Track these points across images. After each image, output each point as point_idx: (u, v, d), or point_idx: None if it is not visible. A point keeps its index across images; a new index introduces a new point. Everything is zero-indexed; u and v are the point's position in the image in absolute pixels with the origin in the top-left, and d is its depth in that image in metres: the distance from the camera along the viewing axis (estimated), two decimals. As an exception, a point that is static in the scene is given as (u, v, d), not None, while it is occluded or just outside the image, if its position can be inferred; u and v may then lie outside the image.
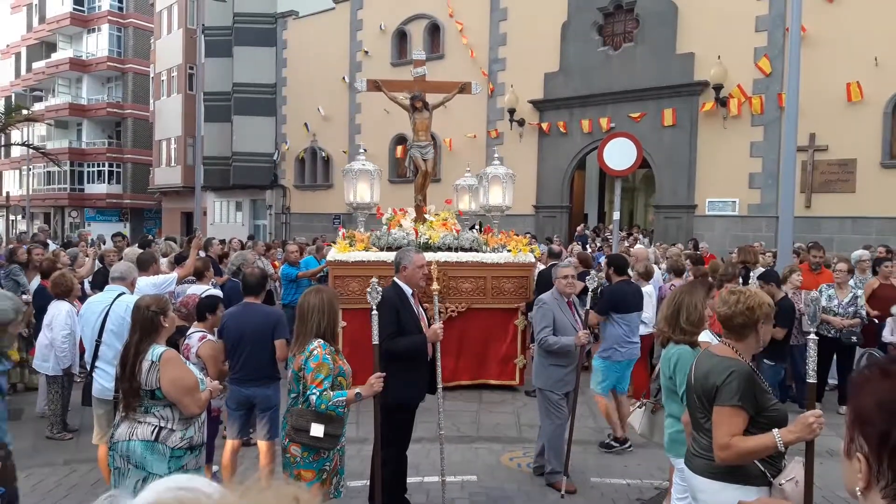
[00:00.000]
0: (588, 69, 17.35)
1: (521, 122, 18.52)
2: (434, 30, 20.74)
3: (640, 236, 16.18)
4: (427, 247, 7.82)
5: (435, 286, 4.95)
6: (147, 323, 3.60)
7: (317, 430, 3.49)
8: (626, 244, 13.02)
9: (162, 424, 3.48)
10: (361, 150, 8.60)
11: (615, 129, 15.50)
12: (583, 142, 17.46)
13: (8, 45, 44.98)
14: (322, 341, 3.66)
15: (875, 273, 8.11)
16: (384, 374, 3.83)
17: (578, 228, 17.43)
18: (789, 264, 8.34)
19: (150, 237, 14.72)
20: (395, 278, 4.71)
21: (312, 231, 21.90)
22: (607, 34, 17.48)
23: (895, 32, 13.07)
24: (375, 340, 3.98)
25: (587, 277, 5.55)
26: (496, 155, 9.20)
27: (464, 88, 9.43)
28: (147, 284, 5.79)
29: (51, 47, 40.19)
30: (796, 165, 9.97)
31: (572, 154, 17.70)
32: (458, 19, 19.71)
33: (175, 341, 4.66)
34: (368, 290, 4.07)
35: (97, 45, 38.33)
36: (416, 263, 4.64)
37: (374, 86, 9.37)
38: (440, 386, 4.75)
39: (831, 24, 13.68)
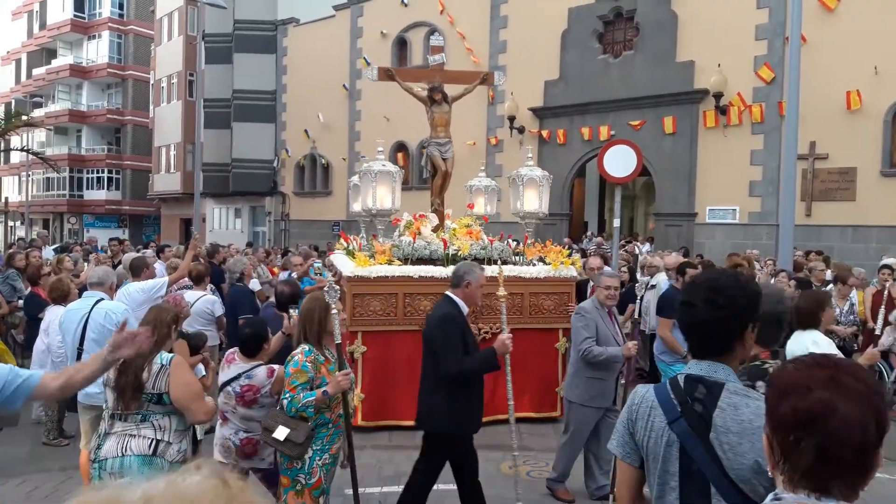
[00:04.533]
0: (588, 77, 17.37)
1: (521, 130, 18.53)
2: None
3: (639, 244, 16.15)
4: (456, 259, 6.91)
5: (502, 291, 4.51)
6: (165, 329, 3.60)
7: (280, 432, 3.46)
8: (626, 250, 13.00)
9: (159, 437, 3.37)
10: (379, 150, 7.69)
11: (615, 136, 15.49)
12: (583, 149, 17.46)
13: (8, 52, 45.07)
14: (307, 347, 3.61)
15: None
16: (349, 371, 3.63)
17: (587, 236, 17.42)
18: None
19: (151, 243, 14.69)
20: (452, 294, 4.33)
21: (311, 238, 21.88)
22: (607, 42, 17.50)
23: (894, 42, 13.08)
24: (338, 339, 3.68)
25: (636, 285, 5.49)
26: (529, 155, 8.35)
27: (486, 79, 8.61)
28: (136, 290, 5.72)
29: (51, 53, 40.29)
30: (797, 174, 9.97)
31: (572, 162, 17.69)
32: (458, 27, 19.74)
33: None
34: (326, 289, 3.76)
35: (97, 51, 38.41)
36: (480, 281, 4.34)
37: (387, 74, 8.38)
38: (511, 402, 4.42)
39: (831, 33, 13.69)
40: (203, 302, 6.48)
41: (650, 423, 1.99)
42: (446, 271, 6.42)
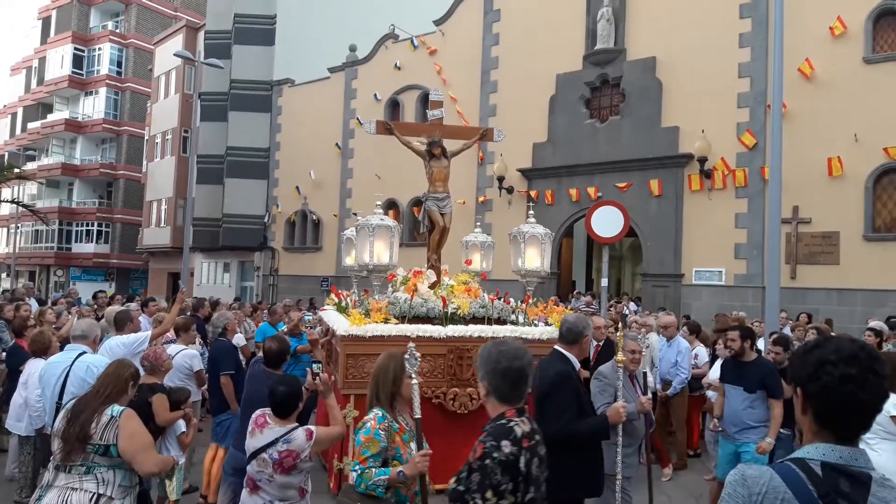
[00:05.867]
0: (575, 140, 17.75)
1: (510, 190, 18.79)
2: (426, 100, 21.21)
3: (627, 305, 16.17)
4: (454, 318, 6.63)
5: (620, 356, 4.30)
6: (122, 384, 3.56)
7: None
8: (615, 311, 13.02)
9: (101, 491, 3.27)
10: (378, 204, 7.46)
11: (602, 198, 15.73)
12: (570, 210, 17.68)
13: (5, 106, 45.66)
14: (380, 413, 3.26)
15: None
16: (428, 452, 3.21)
17: (575, 294, 17.44)
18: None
19: (136, 296, 14.58)
20: (564, 350, 4.13)
21: (299, 293, 21.82)
22: (594, 107, 17.96)
23: (873, 110, 13.50)
24: (417, 414, 3.33)
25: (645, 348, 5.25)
26: (531, 212, 8.15)
27: (485, 135, 8.49)
28: (117, 343, 5.66)
29: (47, 108, 40.81)
30: (781, 237, 10.13)
31: (560, 222, 17.89)
32: (450, 90, 20.23)
33: (145, 399, 4.54)
34: (407, 356, 3.43)
35: (94, 107, 38.95)
36: (589, 335, 4.16)
37: (385, 128, 8.27)
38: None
39: (811, 102, 14.13)
40: (182, 356, 6.41)
41: None
42: (445, 331, 6.28)
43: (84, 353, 5.00)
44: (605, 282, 10.14)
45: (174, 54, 21.43)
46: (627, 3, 17.21)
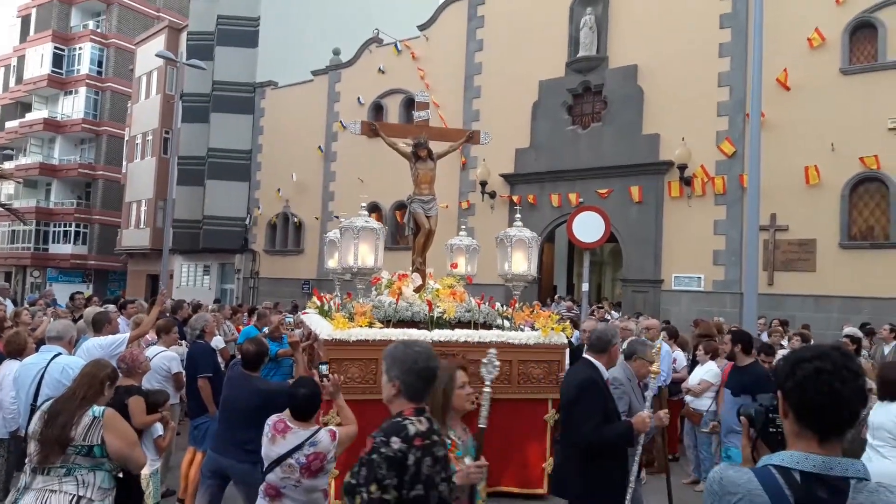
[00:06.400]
0: (558, 146, 17.86)
1: (493, 195, 18.85)
2: (410, 104, 21.24)
3: (609, 311, 16.27)
4: (440, 322, 6.48)
5: (655, 367, 4.29)
6: (98, 386, 3.53)
7: None
8: (596, 316, 13.08)
9: (81, 493, 3.23)
10: (362, 206, 7.25)
11: (583, 203, 15.83)
12: (552, 215, 17.78)
13: (-18, 104, 44.91)
14: None
15: None
16: (484, 463, 3.10)
17: (556, 299, 17.51)
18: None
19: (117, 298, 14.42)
20: (593, 358, 4.12)
21: (280, 296, 21.69)
22: (576, 114, 18.09)
23: (849, 120, 13.73)
24: (483, 423, 3.20)
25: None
26: (517, 216, 8.00)
27: (471, 137, 8.42)
28: (94, 345, 5.59)
29: (25, 107, 40.25)
30: (759, 244, 10.26)
31: (541, 227, 17.96)
32: (434, 95, 20.26)
33: (121, 401, 4.49)
34: (485, 361, 3.27)
35: (73, 106, 38.47)
36: (619, 344, 4.15)
37: (370, 129, 8.13)
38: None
39: (789, 111, 14.34)
40: (160, 358, 6.35)
41: None
42: (432, 335, 6.16)
43: (59, 354, 4.94)
44: (585, 286, 10.21)
45: (156, 55, 21.29)
46: (610, 11, 17.37)
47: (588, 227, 9.45)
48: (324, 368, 4.52)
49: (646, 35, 16.56)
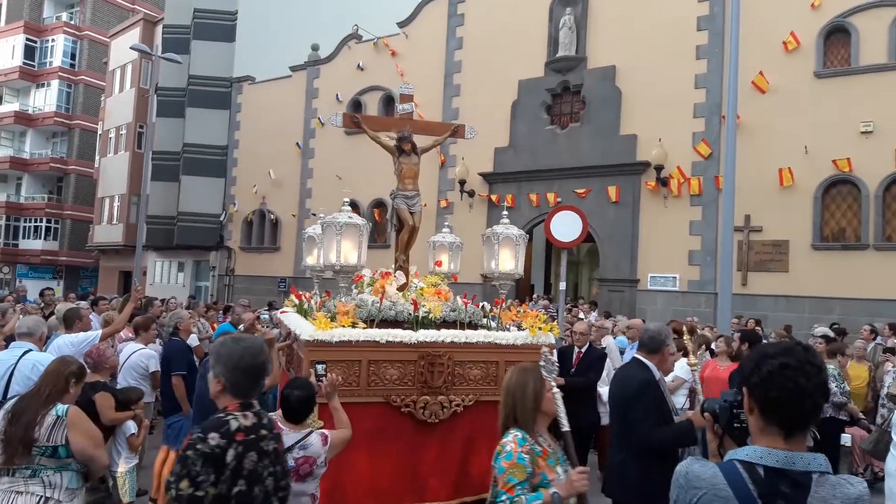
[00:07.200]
0: (536, 146, 17.92)
1: (472, 194, 18.86)
2: (389, 101, 21.19)
3: (584, 311, 16.36)
4: (425, 322, 6.28)
5: (693, 359, 4.31)
6: (63, 383, 3.46)
7: None
8: (571, 315, 13.14)
9: (48, 494, 3.17)
10: (346, 201, 6.90)
11: (561, 203, 15.90)
12: (530, 214, 17.84)
13: (-50, 96, 43.91)
14: (520, 434, 2.89)
15: None
16: (586, 470, 2.93)
17: (534, 298, 17.55)
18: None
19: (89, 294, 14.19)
20: (645, 359, 4.05)
21: (256, 294, 21.52)
22: (555, 114, 18.17)
23: (823, 123, 13.95)
24: (566, 426, 3.06)
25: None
26: (504, 212, 7.79)
27: (457, 131, 8.19)
28: (66, 343, 5.49)
29: (-4, 99, 39.46)
30: (733, 245, 10.39)
31: (520, 226, 17.83)
32: (413, 93, 20.22)
33: (88, 397, 4.41)
34: (542, 362, 3.13)
35: (45, 99, 37.78)
36: (671, 345, 4.07)
37: (352, 121, 7.81)
38: None
39: (764, 113, 14.53)
40: (138, 355, 6.25)
41: None
42: (417, 336, 5.92)
43: (30, 350, 4.84)
44: (563, 286, 10.25)
45: (130, 48, 21.00)
46: (589, 12, 17.46)
47: (566, 227, 9.50)
48: (320, 368, 4.39)
49: (624, 36, 16.67)
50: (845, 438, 7.45)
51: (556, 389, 3.02)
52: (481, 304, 7.16)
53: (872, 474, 7.93)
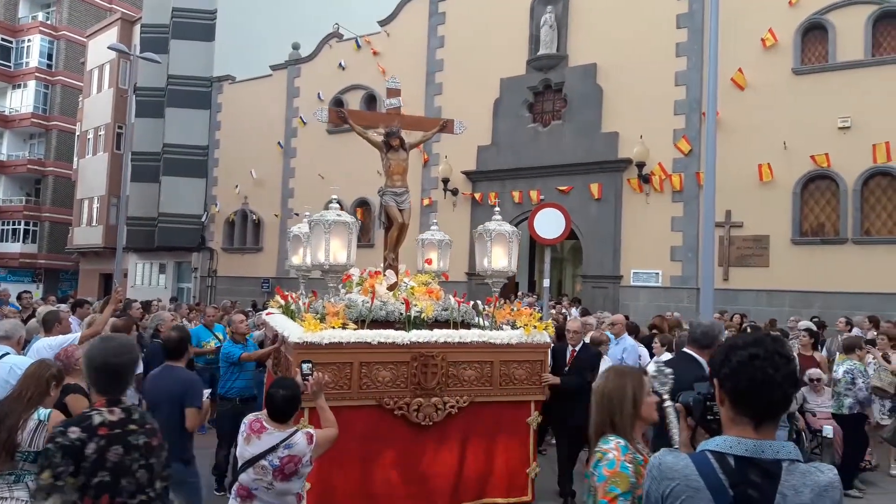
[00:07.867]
0: (519, 144, 17.96)
1: (455, 192, 18.86)
2: (371, 100, 21.13)
3: (566, 307, 16.42)
4: (418, 322, 6.10)
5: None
6: (43, 386, 3.43)
7: None
8: (554, 311, 13.19)
9: None
10: (334, 198, 6.72)
11: (544, 200, 15.95)
12: (514, 212, 17.85)
13: (-77, 97, 43.11)
14: (622, 441, 2.72)
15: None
16: None
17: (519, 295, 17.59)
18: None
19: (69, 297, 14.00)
20: (696, 354, 3.95)
21: (238, 295, 21.36)
22: (537, 112, 18.22)
23: (801, 119, 14.11)
24: (676, 444, 2.90)
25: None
26: (496, 209, 7.57)
27: (445, 126, 8.09)
28: (44, 346, 5.42)
29: (-30, 101, 38.82)
30: (715, 240, 10.46)
31: (503, 224, 18.05)
32: (401, 87, 20.18)
33: (59, 400, 4.34)
34: (653, 374, 3.01)
35: (22, 100, 37.23)
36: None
37: (338, 117, 7.61)
38: None
39: (744, 111, 14.66)
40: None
41: None
42: (410, 336, 5.79)
43: (7, 353, 4.77)
44: (546, 282, 10.27)
45: (108, 47, 20.71)
46: (570, 10, 17.53)
47: (549, 224, 9.50)
48: (306, 367, 4.33)
49: (605, 34, 16.75)
50: (827, 430, 7.46)
51: (668, 402, 2.88)
52: (472, 302, 7.03)
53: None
